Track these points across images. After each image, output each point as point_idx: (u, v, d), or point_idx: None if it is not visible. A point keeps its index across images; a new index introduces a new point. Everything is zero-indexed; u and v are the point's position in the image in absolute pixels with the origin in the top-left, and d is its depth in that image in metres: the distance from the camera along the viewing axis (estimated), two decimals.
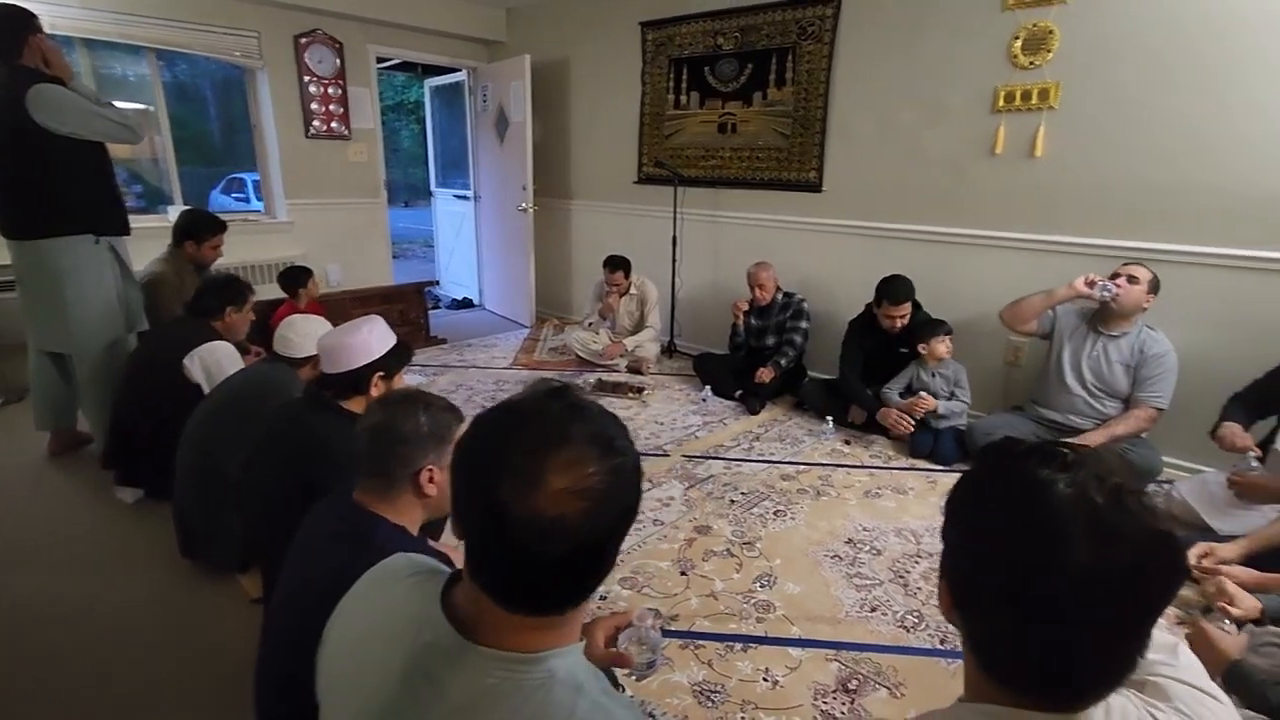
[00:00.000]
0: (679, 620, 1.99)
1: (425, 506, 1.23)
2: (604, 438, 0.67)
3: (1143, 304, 2.66)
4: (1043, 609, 0.58)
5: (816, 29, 3.72)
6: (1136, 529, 0.56)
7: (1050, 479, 0.59)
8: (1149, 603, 0.58)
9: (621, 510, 0.67)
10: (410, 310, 4.82)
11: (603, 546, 0.66)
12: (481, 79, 5.50)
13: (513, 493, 0.62)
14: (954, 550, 0.68)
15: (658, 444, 3.19)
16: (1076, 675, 0.60)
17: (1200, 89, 2.68)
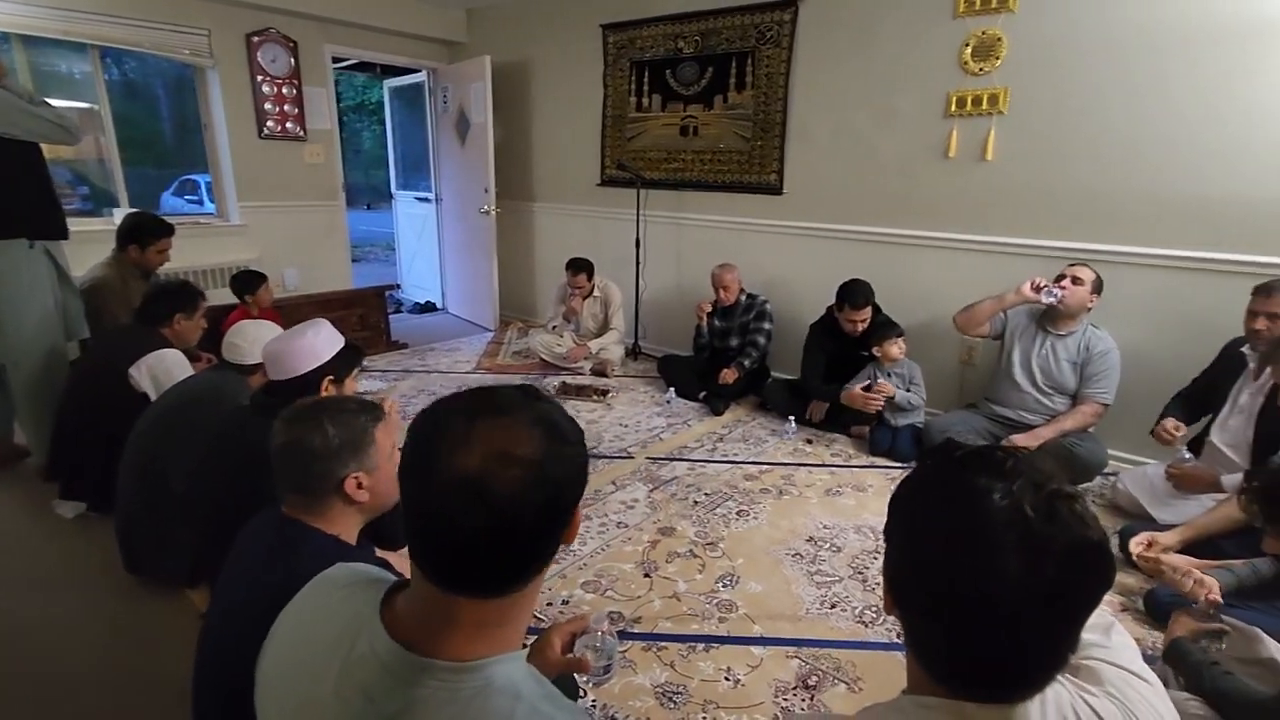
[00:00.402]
0: (642, 622, 1.99)
1: (361, 511, 1.19)
2: (551, 423, 0.68)
3: (1087, 304, 2.75)
4: (975, 614, 0.60)
5: (775, 34, 3.77)
6: (1067, 540, 0.58)
7: (987, 487, 0.60)
8: (1079, 607, 0.61)
9: (550, 493, 0.65)
10: (371, 315, 4.73)
11: (525, 525, 0.64)
12: (442, 80, 5.44)
13: (443, 450, 0.63)
14: (894, 551, 0.70)
15: (622, 446, 3.19)
16: (1010, 674, 0.63)
17: (1139, 97, 2.78)
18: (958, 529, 0.61)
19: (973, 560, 0.59)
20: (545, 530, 0.67)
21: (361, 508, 1.18)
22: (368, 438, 1.16)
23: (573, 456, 0.69)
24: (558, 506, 0.67)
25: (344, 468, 1.13)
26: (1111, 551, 0.61)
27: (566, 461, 0.67)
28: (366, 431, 1.17)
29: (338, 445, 1.13)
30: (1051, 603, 0.58)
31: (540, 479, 0.64)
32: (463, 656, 0.66)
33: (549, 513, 0.66)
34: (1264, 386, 2.22)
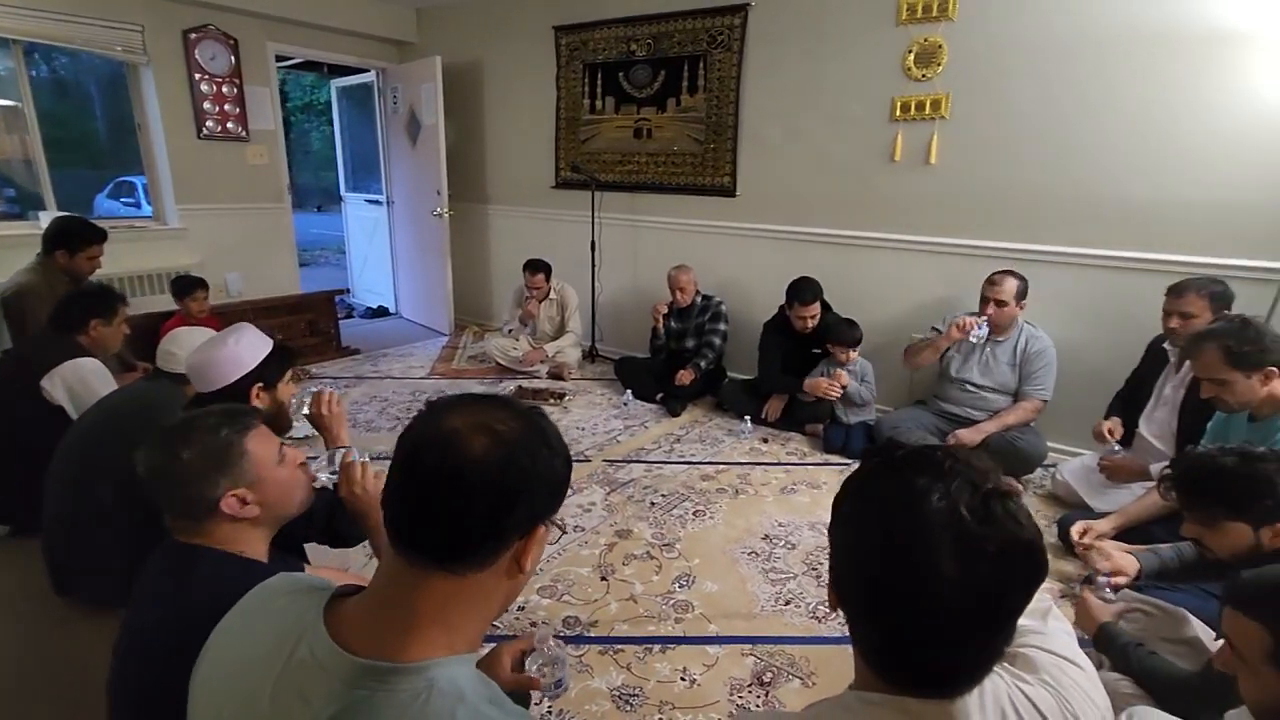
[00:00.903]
0: (598, 626, 1.98)
1: (257, 524, 1.11)
2: (540, 427, 0.74)
3: (1016, 315, 2.86)
4: (914, 612, 0.62)
5: (726, 38, 3.81)
6: (1001, 540, 0.60)
7: (925, 488, 0.62)
8: (1013, 603, 0.63)
9: (515, 473, 0.69)
10: (320, 320, 4.61)
11: (481, 487, 0.67)
12: (391, 80, 5.34)
13: (440, 417, 0.70)
14: (836, 550, 0.71)
15: (579, 450, 3.18)
16: (949, 669, 0.65)
17: (1070, 103, 2.91)
18: (896, 531, 0.63)
19: (911, 561, 0.61)
20: (498, 507, 0.68)
21: (257, 520, 1.11)
22: (235, 451, 1.08)
23: (548, 460, 0.72)
24: (517, 493, 0.69)
25: (214, 488, 1.05)
26: (1044, 548, 0.63)
27: (540, 460, 0.71)
28: (232, 445, 1.08)
29: (199, 467, 1.05)
30: (987, 600, 0.60)
31: (507, 457, 0.68)
32: (408, 658, 0.66)
33: (505, 492, 0.68)
34: (1184, 379, 2.35)
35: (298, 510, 1.19)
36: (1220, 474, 1.33)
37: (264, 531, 1.14)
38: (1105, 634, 1.52)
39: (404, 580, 0.69)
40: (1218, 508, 1.33)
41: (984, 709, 0.66)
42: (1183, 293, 2.38)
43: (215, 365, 1.54)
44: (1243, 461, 1.31)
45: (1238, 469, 1.31)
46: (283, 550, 1.29)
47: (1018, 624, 0.81)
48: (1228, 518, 1.32)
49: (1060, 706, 0.70)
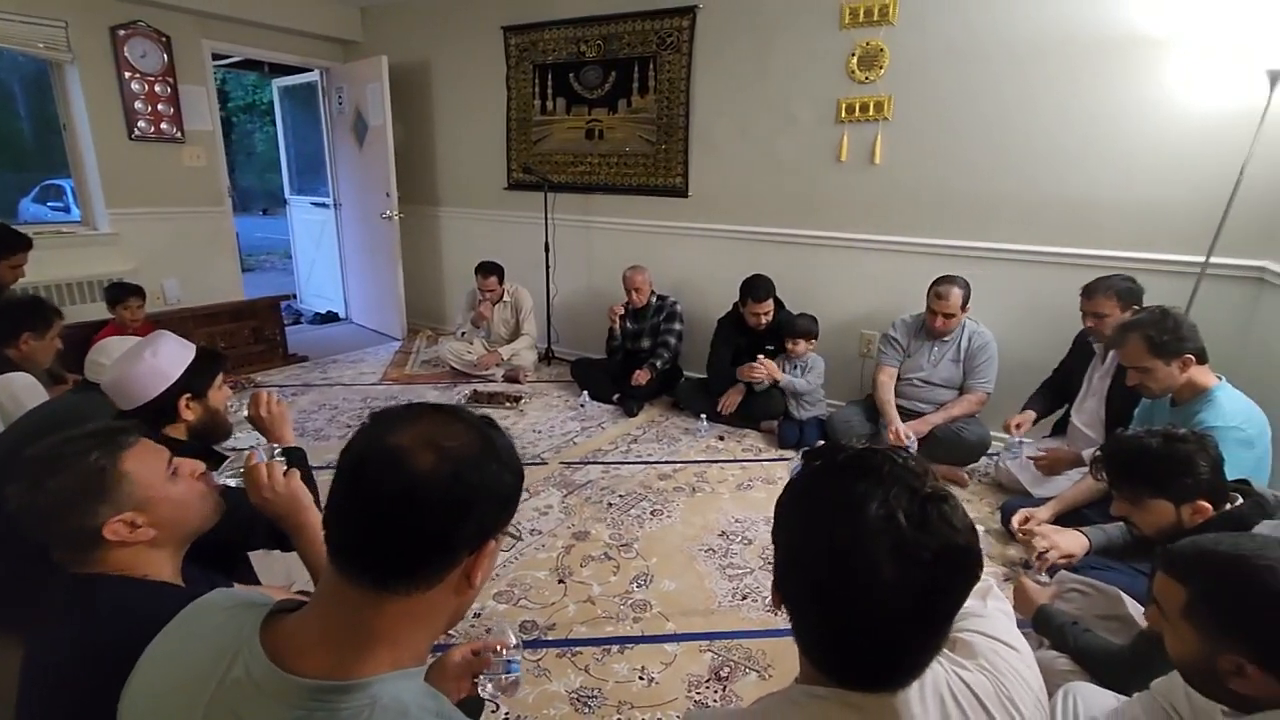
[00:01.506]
0: (556, 629, 1.97)
1: (157, 545, 1.02)
2: (490, 441, 0.71)
3: (962, 320, 2.95)
4: (854, 614, 0.64)
5: (675, 39, 3.84)
6: (937, 545, 0.62)
7: (865, 494, 0.64)
8: (949, 604, 0.65)
9: (463, 490, 0.67)
10: (264, 327, 4.46)
11: (427, 509, 0.65)
12: (336, 80, 5.21)
13: (386, 429, 0.68)
14: (779, 553, 0.72)
15: (536, 452, 3.16)
16: (889, 666, 0.67)
17: (1006, 104, 3.02)
18: (836, 537, 0.64)
19: (850, 566, 0.63)
20: (446, 526, 0.66)
21: (155, 542, 1.02)
22: (110, 475, 0.98)
23: (498, 474, 0.70)
24: (466, 510, 0.67)
25: (93, 517, 0.96)
26: (978, 551, 0.65)
27: (490, 475, 0.69)
28: (105, 470, 0.98)
29: (70, 498, 0.95)
30: (924, 602, 0.63)
31: (455, 473, 0.66)
32: (349, 675, 0.64)
33: (453, 511, 0.66)
34: (1110, 369, 2.47)
35: (205, 523, 1.12)
36: (1145, 455, 1.40)
37: (168, 552, 1.06)
38: (1043, 615, 1.59)
39: (346, 599, 0.67)
40: (1143, 487, 1.40)
41: (924, 698, 0.68)
42: (1093, 294, 2.52)
43: (134, 381, 1.45)
44: (1165, 443, 1.39)
45: (1160, 450, 1.38)
46: (211, 566, 1.24)
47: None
48: (1152, 496, 1.39)
49: (996, 690, 0.73)
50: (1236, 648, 0.87)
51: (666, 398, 3.87)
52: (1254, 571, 0.87)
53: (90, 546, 0.97)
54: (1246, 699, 0.89)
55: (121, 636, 0.77)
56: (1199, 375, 1.91)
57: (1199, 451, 1.36)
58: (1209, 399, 1.88)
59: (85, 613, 0.92)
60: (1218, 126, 2.61)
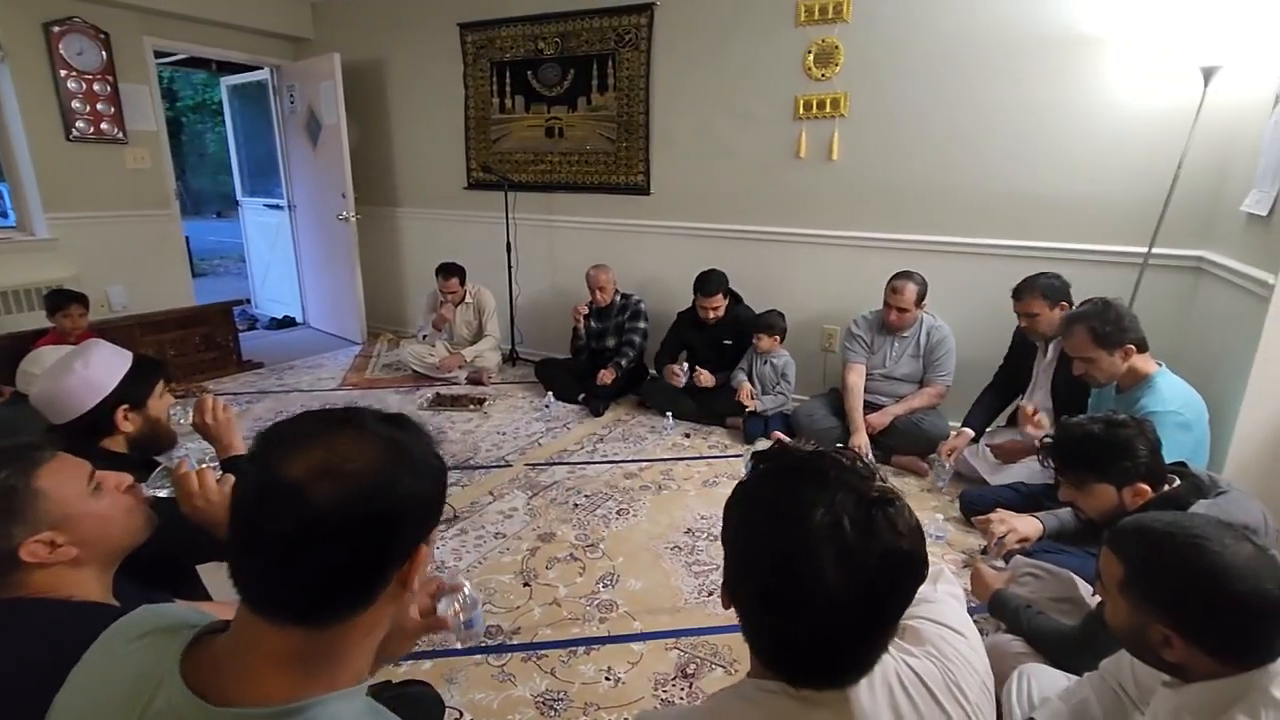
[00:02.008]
0: (521, 632, 1.95)
1: (82, 562, 0.98)
2: (402, 450, 0.65)
3: (918, 315, 3.01)
4: (801, 617, 0.64)
5: (633, 37, 3.83)
6: (881, 550, 0.63)
7: (811, 501, 0.64)
8: (895, 605, 0.66)
9: (376, 517, 0.61)
10: (216, 333, 4.33)
11: (339, 543, 0.60)
12: (287, 78, 5.07)
13: (279, 455, 0.61)
14: (728, 556, 0.72)
15: (500, 455, 3.12)
16: (837, 665, 0.67)
17: (957, 101, 3.08)
18: (782, 542, 0.65)
19: (796, 572, 0.63)
20: (366, 556, 0.62)
21: (79, 561, 0.97)
22: (22, 495, 0.94)
23: (413, 485, 0.64)
24: (385, 534, 0.62)
25: (8, 539, 0.92)
26: (923, 554, 0.66)
27: (404, 489, 0.63)
28: (16, 490, 0.94)
29: None
30: (870, 605, 0.64)
31: (365, 498, 0.60)
32: (281, 699, 0.61)
33: (372, 538, 0.61)
34: (1052, 362, 2.56)
35: (135, 538, 1.07)
36: (1087, 440, 1.44)
37: (94, 570, 1.01)
38: (998, 599, 1.62)
39: (266, 636, 0.61)
40: (1087, 471, 1.45)
41: (873, 689, 0.70)
42: (1022, 296, 2.61)
43: (66, 395, 1.38)
44: (1106, 428, 1.43)
45: (1102, 435, 1.43)
46: (152, 582, 1.19)
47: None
48: (1095, 480, 1.44)
49: (944, 676, 0.74)
50: (1163, 619, 0.91)
51: (632, 396, 3.86)
52: (1180, 547, 0.90)
53: (8, 570, 0.92)
54: (1180, 667, 0.93)
55: (45, 662, 0.73)
56: (1140, 363, 1.98)
57: (1138, 436, 1.40)
58: (1150, 385, 1.95)
59: (6, 639, 0.87)
60: (1156, 121, 2.70)
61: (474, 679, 1.77)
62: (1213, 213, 2.67)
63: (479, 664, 1.82)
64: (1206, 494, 1.38)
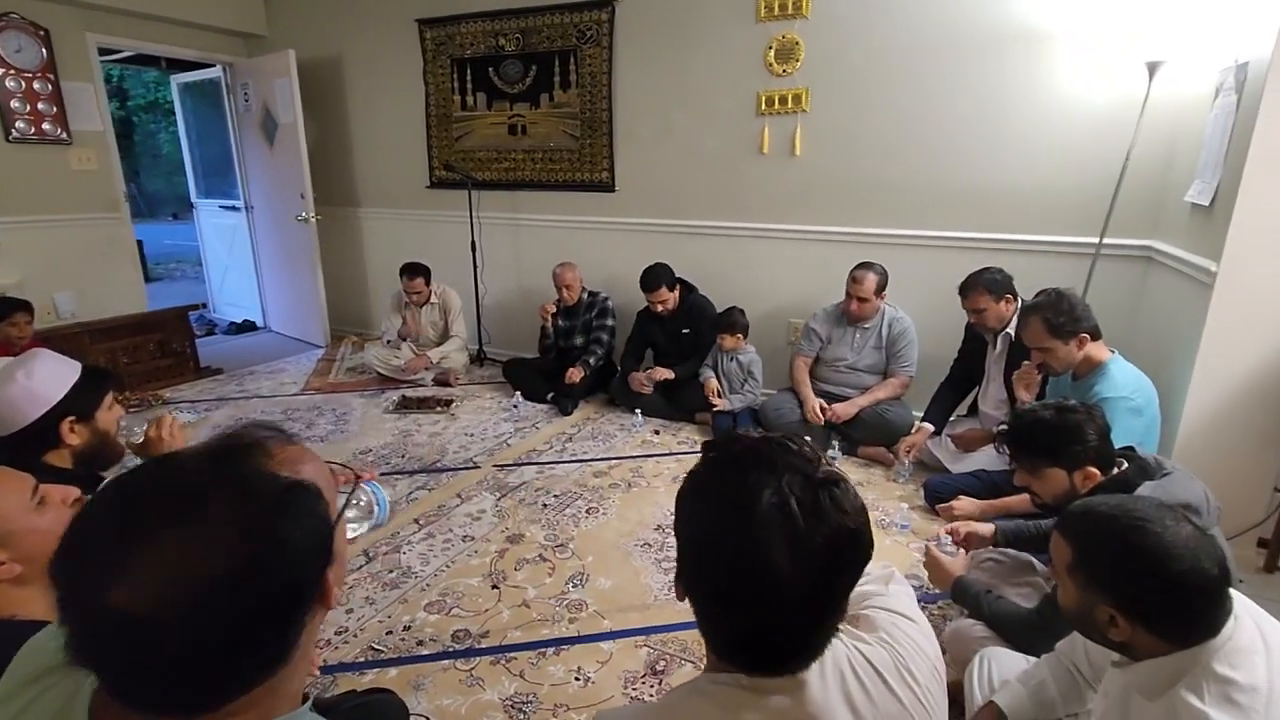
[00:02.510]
0: (490, 636, 1.93)
1: (25, 580, 0.94)
2: (251, 509, 0.53)
3: (879, 306, 3.04)
4: (752, 602, 0.65)
5: (594, 33, 3.80)
6: (829, 531, 0.64)
7: (758, 486, 0.64)
8: (843, 584, 0.67)
9: (262, 599, 0.52)
10: (172, 340, 4.20)
11: (234, 646, 0.52)
12: (240, 76, 4.93)
13: (99, 572, 0.49)
14: (680, 545, 0.72)
15: (468, 457, 3.08)
16: (788, 651, 0.68)
17: (915, 96, 3.12)
18: (731, 529, 0.65)
19: (745, 556, 0.64)
20: (264, 635, 0.54)
21: (23, 579, 0.94)
22: None
23: (282, 555, 0.54)
24: (278, 606, 0.54)
25: None
26: (868, 533, 0.67)
27: (278, 551, 0.54)
28: None
29: None
30: (819, 586, 0.64)
31: (241, 590, 0.51)
32: None
33: (266, 618, 0.54)
34: (1003, 354, 2.63)
35: None
36: (1039, 426, 1.48)
37: (40, 588, 0.97)
38: (960, 586, 1.65)
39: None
40: (1039, 457, 1.48)
41: (824, 675, 0.70)
42: (967, 293, 2.67)
43: (7, 406, 1.33)
44: (1057, 414, 1.47)
45: (1053, 421, 1.46)
46: None
47: (864, 589, 0.85)
48: (1047, 465, 1.47)
49: (895, 662, 0.75)
50: (1108, 599, 0.93)
51: (601, 394, 3.85)
52: (1123, 529, 0.93)
53: None
54: (1126, 646, 0.95)
55: None
56: (1094, 351, 2.03)
57: (1088, 421, 1.44)
58: (1103, 372, 2.00)
59: None
60: (1105, 115, 2.77)
61: (441, 684, 1.74)
62: (1160, 203, 2.76)
63: (446, 669, 1.80)
64: (1152, 475, 1.42)
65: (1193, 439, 2.24)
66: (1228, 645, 0.88)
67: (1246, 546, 2.25)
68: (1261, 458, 2.20)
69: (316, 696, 1.49)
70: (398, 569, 2.23)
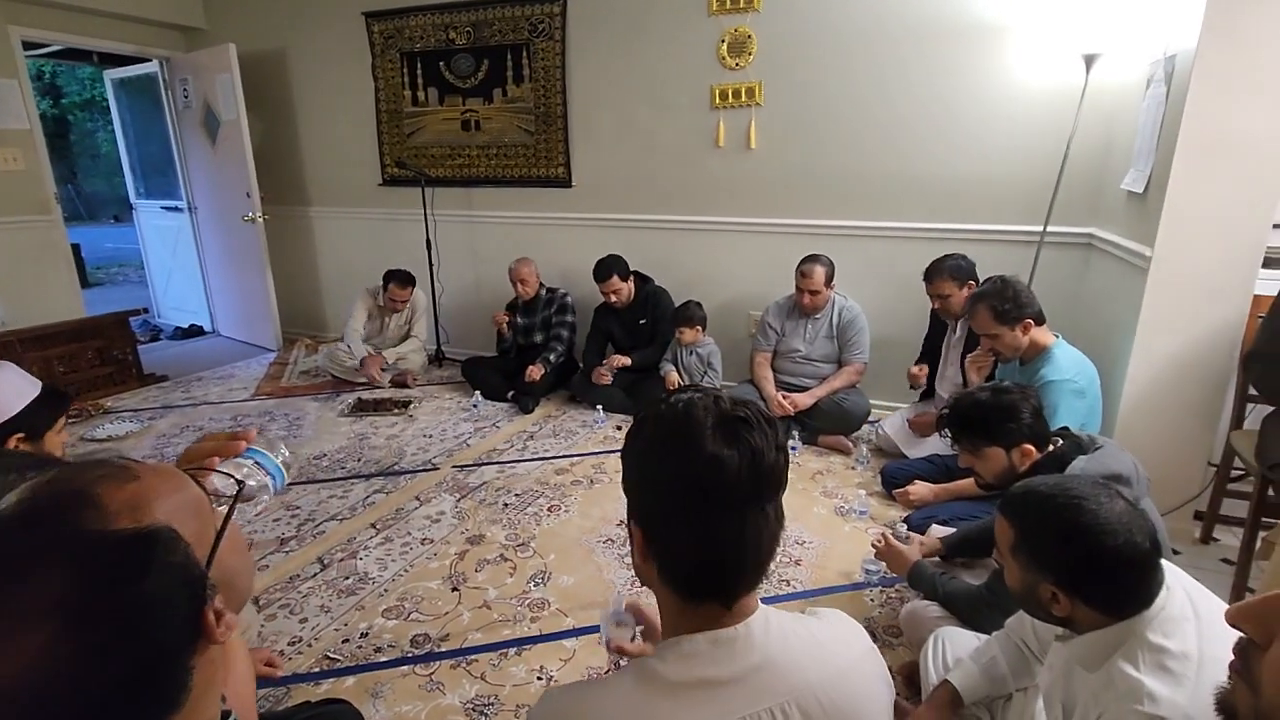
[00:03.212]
0: (450, 639, 1.89)
1: None
2: (77, 604, 0.43)
3: (828, 297, 3.08)
4: (695, 497, 0.69)
5: (547, 26, 3.76)
6: (748, 414, 0.71)
7: (688, 401, 0.72)
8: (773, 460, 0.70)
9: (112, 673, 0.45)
10: (112, 346, 4.02)
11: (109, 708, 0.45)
12: (179, 71, 4.74)
13: None
14: (635, 489, 0.75)
15: (427, 459, 3.03)
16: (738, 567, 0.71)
17: (866, 88, 3.17)
18: (670, 434, 0.71)
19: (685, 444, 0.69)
20: (141, 699, 0.48)
21: None
22: None
23: (142, 603, 0.46)
24: (147, 672, 0.47)
25: None
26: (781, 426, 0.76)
27: (129, 625, 0.46)
28: None
29: None
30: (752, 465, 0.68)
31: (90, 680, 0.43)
32: None
33: (136, 685, 0.47)
34: (961, 339, 2.69)
35: None
36: (975, 407, 1.53)
37: None
38: (916, 570, 1.69)
39: None
40: (978, 437, 1.53)
41: (768, 631, 0.73)
42: (932, 279, 2.73)
43: None
44: (993, 394, 1.52)
45: (989, 401, 1.51)
46: None
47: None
48: (986, 444, 1.52)
49: (832, 634, 0.79)
50: (1049, 577, 0.96)
51: (563, 391, 3.82)
52: (1060, 508, 0.95)
53: None
54: (1068, 620, 0.98)
55: None
56: (1039, 335, 2.09)
57: (1022, 401, 1.49)
58: (1048, 356, 2.06)
59: None
60: (1048, 106, 2.85)
61: (400, 691, 1.71)
62: (1099, 191, 2.85)
63: (405, 675, 1.76)
64: (1086, 450, 1.48)
65: (1132, 417, 2.32)
66: (1161, 615, 0.91)
67: (1184, 519, 2.35)
68: (1196, 434, 2.29)
69: (268, 711, 1.44)
70: (354, 575, 2.18)
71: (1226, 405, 2.26)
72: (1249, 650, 0.56)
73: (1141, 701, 0.85)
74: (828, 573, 2.18)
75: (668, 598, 0.75)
